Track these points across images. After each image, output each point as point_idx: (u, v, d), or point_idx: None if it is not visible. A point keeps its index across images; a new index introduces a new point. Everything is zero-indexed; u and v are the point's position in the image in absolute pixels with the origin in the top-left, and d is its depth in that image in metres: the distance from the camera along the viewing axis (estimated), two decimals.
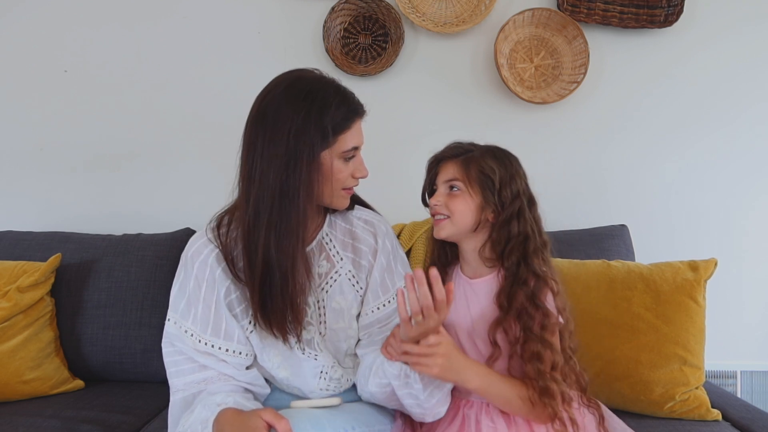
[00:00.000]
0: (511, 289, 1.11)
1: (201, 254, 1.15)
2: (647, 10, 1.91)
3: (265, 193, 1.06)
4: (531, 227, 1.13)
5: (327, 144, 1.08)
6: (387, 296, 1.21)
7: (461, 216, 1.14)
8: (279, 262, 1.06)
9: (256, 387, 1.17)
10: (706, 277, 1.41)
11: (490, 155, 1.15)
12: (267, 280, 1.08)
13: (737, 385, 1.98)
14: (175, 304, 1.15)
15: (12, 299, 1.55)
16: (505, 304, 1.11)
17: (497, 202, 1.13)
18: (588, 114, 1.96)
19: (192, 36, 2.00)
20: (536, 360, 1.07)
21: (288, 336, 1.12)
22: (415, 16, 1.91)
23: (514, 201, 1.13)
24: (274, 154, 1.05)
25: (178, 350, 1.14)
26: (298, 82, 1.10)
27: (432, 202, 1.17)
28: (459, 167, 1.15)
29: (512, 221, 1.12)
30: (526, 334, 1.08)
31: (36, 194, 2.05)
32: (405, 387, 1.07)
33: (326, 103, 1.07)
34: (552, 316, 1.09)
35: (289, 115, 1.05)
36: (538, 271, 1.11)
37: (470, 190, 1.13)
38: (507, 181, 1.13)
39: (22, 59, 2.02)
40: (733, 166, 1.95)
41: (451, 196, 1.15)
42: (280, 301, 1.08)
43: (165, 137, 2.01)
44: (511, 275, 1.12)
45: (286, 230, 1.06)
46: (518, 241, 1.12)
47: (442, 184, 1.17)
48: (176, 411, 1.13)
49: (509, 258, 1.12)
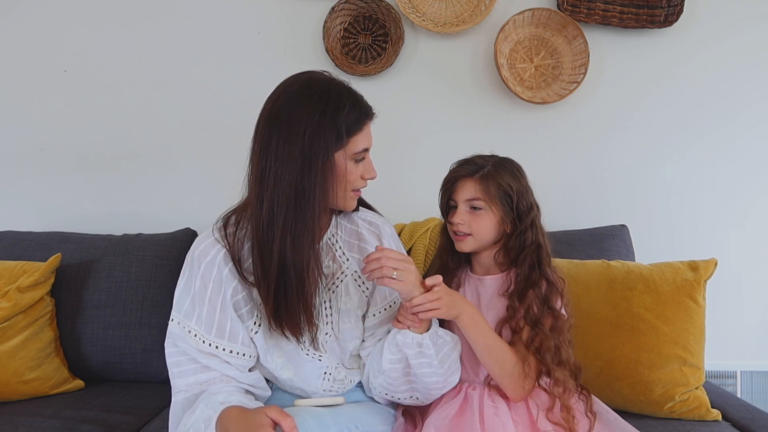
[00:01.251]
0: (523, 289, 1.18)
1: (208, 254, 1.14)
2: (647, 10, 1.91)
3: (281, 195, 1.05)
4: (542, 234, 1.22)
5: (341, 145, 1.08)
6: (393, 298, 1.21)
7: (485, 232, 1.22)
8: (294, 262, 1.06)
9: (257, 389, 1.17)
10: (706, 277, 1.41)
11: (505, 171, 1.22)
12: (282, 281, 1.07)
13: (737, 385, 1.98)
14: (180, 305, 1.15)
15: (12, 299, 1.55)
16: (516, 302, 1.18)
17: (515, 215, 1.21)
18: (588, 114, 1.96)
19: (192, 36, 2.00)
20: (546, 352, 1.14)
21: (301, 336, 1.12)
22: (415, 16, 1.91)
23: (529, 212, 1.21)
24: (289, 155, 1.05)
25: (181, 350, 1.14)
26: (312, 83, 1.09)
27: (455, 221, 1.23)
28: (478, 186, 1.21)
29: (527, 231, 1.21)
30: (537, 328, 1.15)
31: (36, 194, 2.05)
32: (419, 356, 1.10)
33: (340, 104, 1.07)
34: (561, 318, 1.17)
35: (304, 116, 1.05)
36: (551, 278, 1.19)
37: (492, 207, 1.21)
38: (523, 194, 1.22)
39: (22, 59, 2.02)
40: (733, 166, 1.95)
41: (473, 215, 1.22)
42: (294, 301, 1.08)
43: (165, 137, 2.01)
44: (523, 278, 1.19)
45: (301, 231, 1.06)
46: (532, 250, 1.20)
47: (462, 203, 1.23)
48: (178, 411, 1.12)
49: (522, 264, 1.20)
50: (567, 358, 1.15)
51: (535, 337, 1.15)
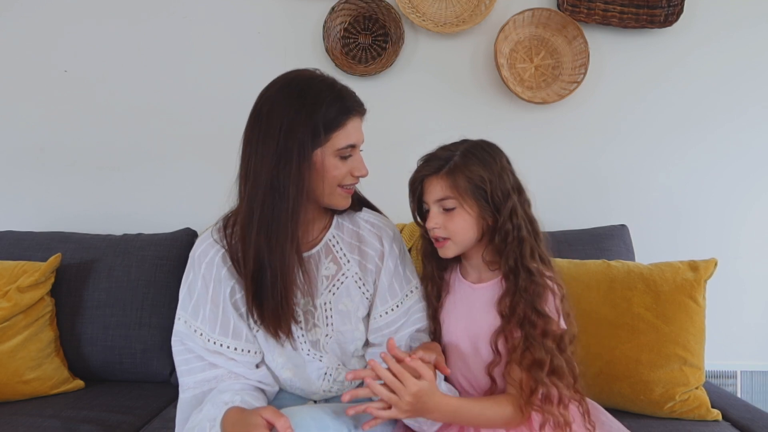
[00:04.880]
0: (513, 299, 1.09)
1: (207, 255, 1.16)
2: (647, 10, 1.91)
3: (258, 191, 1.07)
4: (526, 226, 1.10)
5: (319, 142, 1.08)
6: (395, 300, 1.21)
7: (463, 234, 1.11)
8: (270, 259, 1.07)
9: (266, 385, 1.17)
10: (706, 277, 1.41)
11: (473, 160, 1.10)
12: (259, 277, 1.09)
13: (737, 385, 1.98)
14: (185, 304, 1.17)
15: (12, 299, 1.55)
16: (507, 312, 1.10)
17: (492, 206, 1.10)
18: (588, 114, 1.96)
19: (192, 36, 2.00)
20: (537, 368, 1.06)
21: (280, 334, 1.13)
22: (415, 16, 1.91)
23: (507, 201, 1.09)
24: (266, 151, 1.07)
25: (188, 348, 1.15)
26: (293, 81, 1.11)
27: (429, 226, 1.12)
28: (446, 183, 1.09)
29: (506, 223, 1.09)
30: (527, 341, 1.07)
31: (36, 194, 2.05)
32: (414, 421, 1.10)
33: (318, 101, 1.08)
34: (553, 322, 1.08)
35: (280, 113, 1.07)
36: (535, 273, 1.08)
37: (465, 204, 1.09)
38: (497, 182, 1.09)
39: (22, 59, 2.02)
40: (733, 165, 1.95)
41: (447, 217, 1.10)
42: (271, 299, 1.09)
43: (165, 137, 2.01)
44: (511, 284, 1.10)
45: (276, 227, 1.07)
46: (514, 244, 1.09)
47: (433, 204, 1.12)
48: (186, 409, 1.13)
49: (506, 261, 1.10)
50: (560, 365, 1.06)
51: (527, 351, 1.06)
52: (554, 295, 1.11)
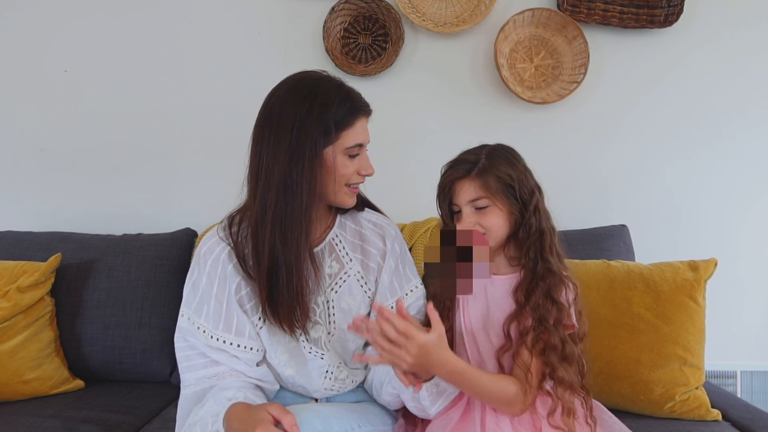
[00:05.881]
0: (529, 285, 1.14)
1: (213, 252, 1.17)
2: (647, 10, 1.91)
3: (271, 189, 1.08)
4: (546, 221, 1.17)
5: (330, 140, 1.10)
6: (395, 299, 1.22)
7: (497, 229, 1.16)
8: (285, 256, 1.09)
9: (266, 383, 1.18)
10: (706, 277, 1.41)
11: (500, 160, 1.16)
12: (274, 274, 1.10)
13: (737, 385, 1.98)
14: (189, 301, 1.18)
15: (12, 299, 1.55)
16: (522, 299, 1.14)
17: (520, 204, 1.16)
18: (588, 114, 1.96)
19: (192, 36, 2.00)
20: (550, 351, 1.10)
21: (295, 329, 1.14)
22: (415, 16, 1.91)
23: (532, 198, 1.16)
24: (278, 150, 1.08)
25: (190, 345, 1.17)
26: (302, 81, 1.13)
27: (464, 226, 1.16)
28: (477, 184, 1.15)
29: (531, 218, 1.16)
30: (541, 325, 1.11)
31: (36, 194, 2.05)
32: (413, 401, 1.13)
33: (328, 100, 1.10)
34: (566, 313, 1.12)
35: (292, 113, 1.09)
36: (554, 267, 1.14)
37: (497, 202, 1.15)
38: (523, 180, 1.16)
39: (22, 59, 2.02)
40: (733, 166, 1.95)
41: (480, 214, 1.16)
42: (286, 295, 1.10)
43: (165, 137, 2.01)
44: (530, 272, 1.15)
45: (290, 224, 1.08)
46: (535, 238, 1.15)
47: (465, 206, 1.17)
48: (187, 404, 1.14)
49: (527, 253, 1.16)
50: (572, 352, 1.11)
51: (540, 336, 1.11)
52: (568, 290, 1.16)
